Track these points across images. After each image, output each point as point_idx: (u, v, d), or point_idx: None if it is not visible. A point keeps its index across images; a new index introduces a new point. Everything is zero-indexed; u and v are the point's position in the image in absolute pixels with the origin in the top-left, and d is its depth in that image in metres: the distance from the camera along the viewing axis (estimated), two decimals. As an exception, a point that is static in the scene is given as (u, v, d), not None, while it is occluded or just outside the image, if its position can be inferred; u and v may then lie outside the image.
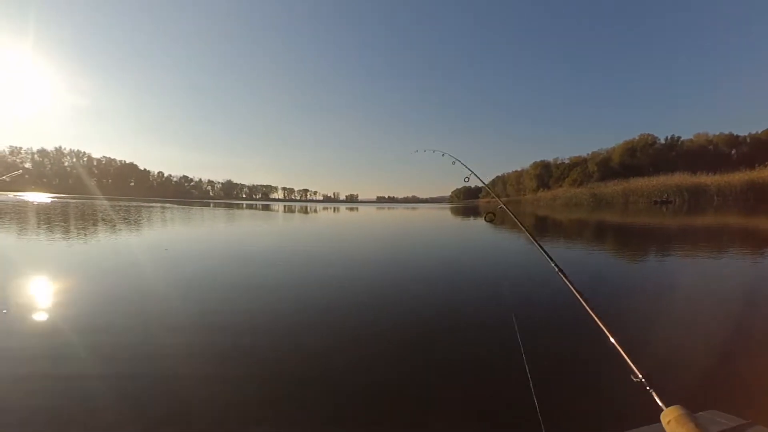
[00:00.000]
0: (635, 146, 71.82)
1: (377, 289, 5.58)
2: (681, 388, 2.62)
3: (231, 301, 4.74)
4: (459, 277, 6.58)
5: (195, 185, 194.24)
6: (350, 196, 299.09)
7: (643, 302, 5.00)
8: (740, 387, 2.67)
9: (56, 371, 2.75)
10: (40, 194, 74.40)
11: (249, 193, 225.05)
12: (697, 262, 7.99)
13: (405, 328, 3.83)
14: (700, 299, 5.18)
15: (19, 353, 3.06)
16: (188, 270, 6.72)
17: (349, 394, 2.53)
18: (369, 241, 12.55)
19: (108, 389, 2.53)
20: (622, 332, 3.62)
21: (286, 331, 3.70)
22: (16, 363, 2.90)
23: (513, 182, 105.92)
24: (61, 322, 3.80)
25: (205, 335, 3.53)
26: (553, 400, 2.38)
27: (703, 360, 3.11)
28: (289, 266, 7.28)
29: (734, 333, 3.73)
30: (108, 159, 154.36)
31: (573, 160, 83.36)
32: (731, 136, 68.87)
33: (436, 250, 10.55)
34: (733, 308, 4.67)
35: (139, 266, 6.95)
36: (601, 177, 69.76)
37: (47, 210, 23.39)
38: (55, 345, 3.22)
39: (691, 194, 49.75)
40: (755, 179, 46.69)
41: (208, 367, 2.90)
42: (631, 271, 7.32)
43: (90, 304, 4.41)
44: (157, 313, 4.17)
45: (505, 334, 3.49)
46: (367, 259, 8.60)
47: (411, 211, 45.46)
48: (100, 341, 3.29)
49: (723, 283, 6.24)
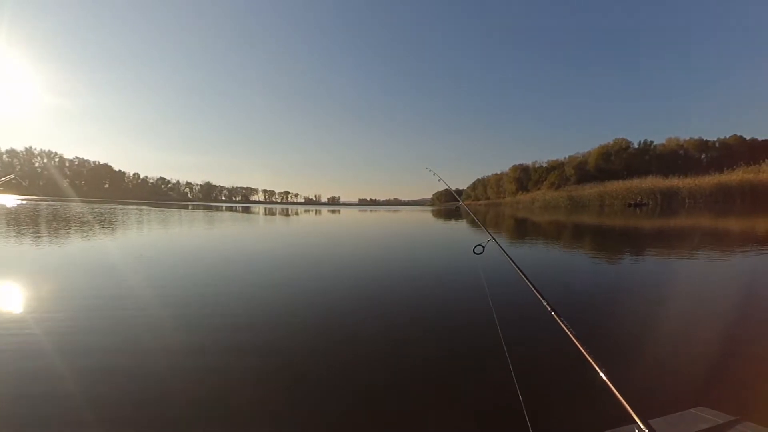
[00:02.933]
0: (610, 150, 73.75)
1: (360, 290, 5.56)
2: (670, 385, 2.66)
3: (221, 302, 4.64)
4: (444, 275, 6.61)
5: (173, 187, 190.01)
6: (332, 199, 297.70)
7: (626, 301, 5.08)
8: (728, 384, 2.70)
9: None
10: (8, 196, 71.42)
11: (229, 195, 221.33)
12: (677, 263, 8.23)
13: (389, 328, 3.81)
14: (684, 298, 5.26)
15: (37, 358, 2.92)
16: (166, 274, 6.55)
17: (336, 395, 2.50)
18: (353, 243, 12.50)
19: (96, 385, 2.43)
20: (608, 337, 3.63)
21: (270, 334, 3.64)
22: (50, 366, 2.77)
23: (493, 185, 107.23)
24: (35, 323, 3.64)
25: (188, 337, 3.44)
26: (539, 398, 2.39)
27: (691, 358, 3.16)
28: (275, 270, 7.19)
29: (721, 331, 3.79)
30: (81, 160, 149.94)
31: (551, 164, 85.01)
32: (701, 141, 71.42)
33: (418, 251, 10.57)
34: (719, 307, 4.75)
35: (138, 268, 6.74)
36: (578, 180, 71.42)
37: (20, 214, 22.48)
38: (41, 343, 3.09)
39: (663, 197, 51.37)
40: (724, 182, 48.65)
41: (201, 365, 2.82)
42: (611, 272, 7.45)
43: (66, 306, 4.25)
44: (148, 317, 4.04)
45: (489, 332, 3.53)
46: (351, 262, 8.55)
47: (393, 213, 45.49)
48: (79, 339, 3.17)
49: (706, 281, 6.40)
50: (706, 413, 1.05)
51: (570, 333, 1.23)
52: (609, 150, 73.98)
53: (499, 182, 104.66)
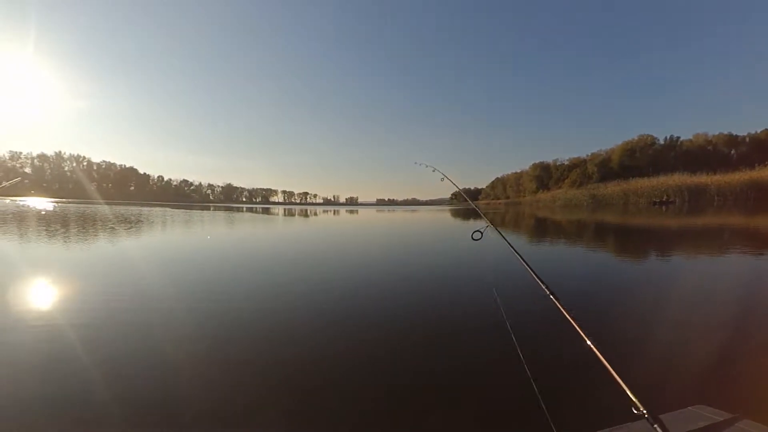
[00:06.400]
0: (634, 147, 71.96)
1: (377, 288, 5.54)
2: (670, 383, 2.63)
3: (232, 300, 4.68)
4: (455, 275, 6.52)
5: (195, 189, 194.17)
6: (350, 199, 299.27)
7: (634, 301, 5.00)
8: (729, 382, 2.68)
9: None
10: (40, 199, 74.36)
11: (249, 197, 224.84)
12: (690, 263, 7.99)
13: (406, 327, 3.78)
14: (690, 298, 5.16)
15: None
16: (182, 274, 6.68)
17: (359, 394, 2.51)
18: (368, 244, 12.52)
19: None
20: (614, 333, 3.60)
21: (288, 334, 3.66)
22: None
23: (512, 184, 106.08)
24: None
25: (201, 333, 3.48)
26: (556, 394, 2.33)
27: (692, 356, 3.12)
28: (291, 269, 7.25)
29: (725, 331, 3.74)
30: (108, 163, 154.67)
31: (572, 162, 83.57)
32: (730, 136, 69.00)
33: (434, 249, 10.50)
34: (725, 307, 4.67)
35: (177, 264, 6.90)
36: (601, 178, 69.91)
37: (54, 216, 23.36)
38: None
39: (691, 194, 49.79)
40: (755, 179, 46.79)
41: (211, 364, 2.85)
42: (623, 271, 7.31)
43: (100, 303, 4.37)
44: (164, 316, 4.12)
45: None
46: (364, 260, 8.55)
47: (410, 213, 45.40)
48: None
49: (716, 282, 6.20)
50: (706, 411, 1.06)
51: (577, 327, 1.23)
52: (633, 146, 72.21)
53: (518, 181, 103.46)
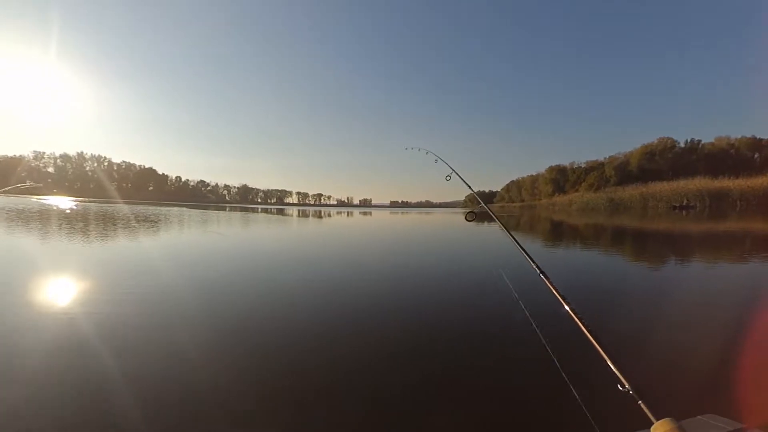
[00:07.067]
0: (654, 150, 70.54)
1: (386, 288, 5.60)
2: (679, 391, 2.61)
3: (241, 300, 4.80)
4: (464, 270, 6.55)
5: (211, 189, 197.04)
6: (364, 201, 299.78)
7: (641, 306, 4.95)
8: (739, 391, 2.64)
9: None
10: (62, 198, 76.30)
11: (264, 198, 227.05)
12: (698, 268, 7.90)
13: (418, 326, 3.83)
14: (698, 304, 5.11)
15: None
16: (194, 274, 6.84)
17: (375, 389, 2.53)
18: (380, 244, 12.58)
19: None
20: (617, 335, 3.58)
21: (300, 334, 3.72)
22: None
23: (528, 187, 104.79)
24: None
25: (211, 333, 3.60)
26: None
27: (702, 364, 3.10)
28: (308, 267, 7.36)
29: (734, 337, 3.68)
30: (128, 164, 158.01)
31: (589, 165, 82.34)
32: (754, 139, 67.05)
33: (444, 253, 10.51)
34: (732, 313, 4.63)
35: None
36: (619, 181, 68.73)
37: (77, 216, 24.01)
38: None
39: (712, 199, 48.62)
40: (780, 184, 45.48)
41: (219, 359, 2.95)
42: (628, 276, 7.28)
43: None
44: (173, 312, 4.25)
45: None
46: (375, 259, 8.62)
47: (424, 215, 45.30)
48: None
49: (724, 287, 6.12)
50: (715, 420, 1.04)
51: (577, 321, 1.26)
52: (653, 149, 70.75)
53: (534, 184, 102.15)
